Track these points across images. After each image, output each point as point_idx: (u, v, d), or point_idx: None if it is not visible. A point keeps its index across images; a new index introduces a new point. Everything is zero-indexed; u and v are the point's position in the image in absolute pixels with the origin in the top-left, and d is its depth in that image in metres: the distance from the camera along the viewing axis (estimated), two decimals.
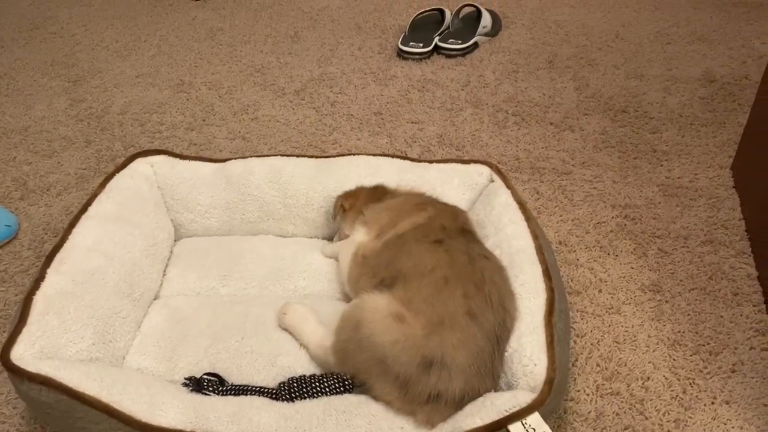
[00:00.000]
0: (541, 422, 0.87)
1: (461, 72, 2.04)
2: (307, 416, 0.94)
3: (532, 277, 1.07)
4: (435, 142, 1.73)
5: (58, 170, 1.69)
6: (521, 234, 1.15)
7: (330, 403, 0.96)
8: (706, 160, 1.63)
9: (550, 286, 1.05)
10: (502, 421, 0.87)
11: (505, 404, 0.89)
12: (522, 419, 0.87)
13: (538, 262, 1.10)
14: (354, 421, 0.93)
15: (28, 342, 0.97)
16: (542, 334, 0.98)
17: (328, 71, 2.08)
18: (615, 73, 2.01)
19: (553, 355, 0.95)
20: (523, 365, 0.95)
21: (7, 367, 0.92)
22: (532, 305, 1.03)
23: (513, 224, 1.17)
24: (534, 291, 1.05)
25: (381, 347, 0.96)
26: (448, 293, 1.00)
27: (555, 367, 0.94)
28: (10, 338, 0.96)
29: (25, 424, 1.09)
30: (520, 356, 0.96)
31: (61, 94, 2.02)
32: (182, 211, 1.36)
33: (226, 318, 1.17)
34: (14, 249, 1.45)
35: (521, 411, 0.88)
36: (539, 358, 0.95)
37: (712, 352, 1.18)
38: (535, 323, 1.00)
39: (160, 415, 0.93)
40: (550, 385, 0.92)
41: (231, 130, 1.82)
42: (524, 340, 0.98)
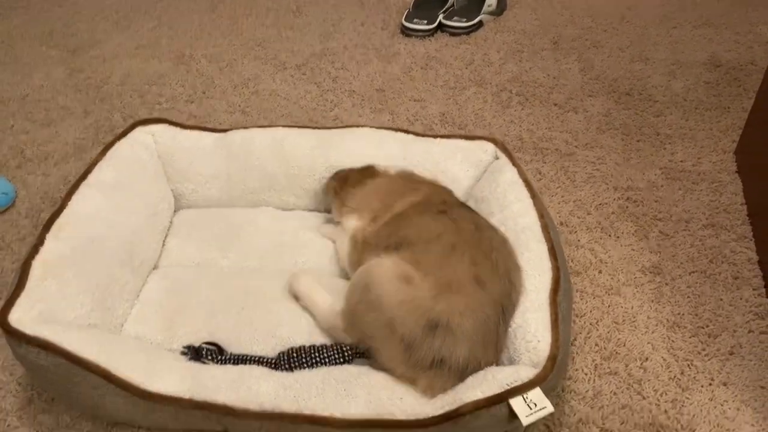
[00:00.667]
0: (542, 397, 0.87)
1: (465, 50, 2.02)
2: (306, 386, 0.93)
3: (538, 254, 1.07)
4: (437, 121, 1.72)
5: (56, 140, 1.67)
6: (527, 212, 1.14)
7: (329, 373, 0.96)
8: (710, 145, 1.62)
9: (555, 264, 1.05)
10: (504, 395, 0.87)
11: (507, 378, 0.89)
12: (523, 394, 0.87)
13: (543, 240, 1.09)
14: (353, 390, 0.93)
15: (26, 306, 0.96)
16: (547, 312, 0.98)
17: (330, 46, 2.05)
18: (620, 55, 1.99)
19: (557, 333, 0.95)
20: (526, 341, 0.95)
21: (5, 329, 0.92)
22: (537, 282, 1.03)
23: (518, 202, 1.16)
24: (539, 268, 1.04)
25: (389, 308, 0.96)
26: (456, 259, 1.00)
27: (558, 345, 0.94)
28: (8, 301, 0.96)
29: (22, 390, 1.09)
30: (525, 332, 0.96)
31: (59, 63, 1.99)
32: (182, 181, 1.35)
33: (225, 290, 1.16)
34: (11, 217, 1.44)
35: (523, 386, 0.88)
36: (543, 336, 0.95)
37: (710, 334, 1.18)
38: (540, 300, 1.00)
39: (158, 381, 0.93)
40: (553, 362, 0.91)
41: (231, 104, 1.80)
42: (529, 317, 0.98)
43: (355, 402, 0.91)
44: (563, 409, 1.06)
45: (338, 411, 0.90)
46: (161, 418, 0.96)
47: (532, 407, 0.86)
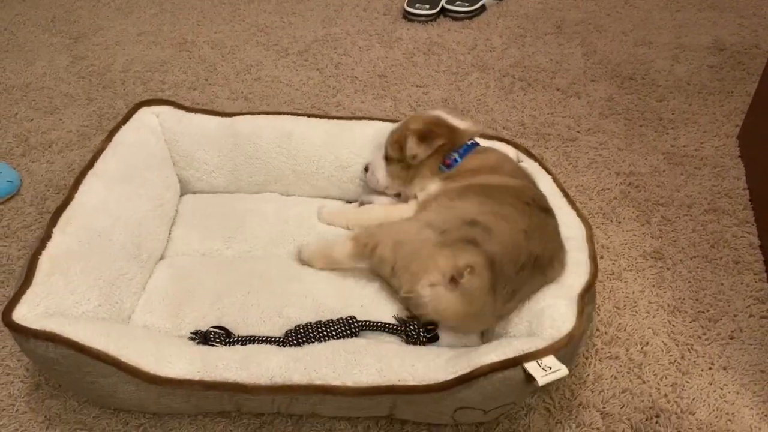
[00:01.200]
0: (556, 362, 0.87)
1: (468, 35, 2.02)
2: (316, 357, 0.94)
3: (577, 261, 1.07)
4: (440, 107, 1.72)
5: (60, 127, 1.68)
6: (572, 222, 1.14)
7: (338, 344, 0.97)
8: (713, 129, 1.62)
9: (594, 271, 1.06)
10: (519, 359, 0.88)
11: (522, 345, 0.90)
12: (537, 359, 0.88)
13: (587, 249, 1.09)
14: (364, 360, 0.93)
15: (32, 303, 0.96)
16: (575, 304, 0.99)
17: (333, 32, 2.05)
18: (623, 39, 1.98)
19: (581, 321, 0.96)
20: (552, 319, 0.96)
21: (9, 326, 0.92)
22: (572, 281, 1.03)
23: (559, 209, 1.15)
24: (577, 271, 1.05)
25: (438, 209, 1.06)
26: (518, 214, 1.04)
27: (580, 329, 0.94)
28: (14, 298, 0.95)
29: (30, 377, 1.10)
30: (552, 312, 0.97)
31: (62, 50, 1.99)
32: (188, 168, 1.35)
33: (231, 275, 1.17)
34: (17, 205, 1.45)
35: (537, 352, 0.88)
36: (569, 319, 0.95)
37: (711, 319, 1.18)
38: (571, 294, 1.00)
39: (168, 366, 0.93)
40: (570, 338, 0.92)
41: (233, 90, 1.80)
42: (560, 302, 0.98)
43: (367, 370, 0.92)
44: (564, 393, 1.07)
45: (350, 380, 0.91)
46: (173, 402, 0.98)
47: (547, 370, 0.86)
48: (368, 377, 0.92)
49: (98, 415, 1.05)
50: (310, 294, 1.12)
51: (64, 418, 1.05)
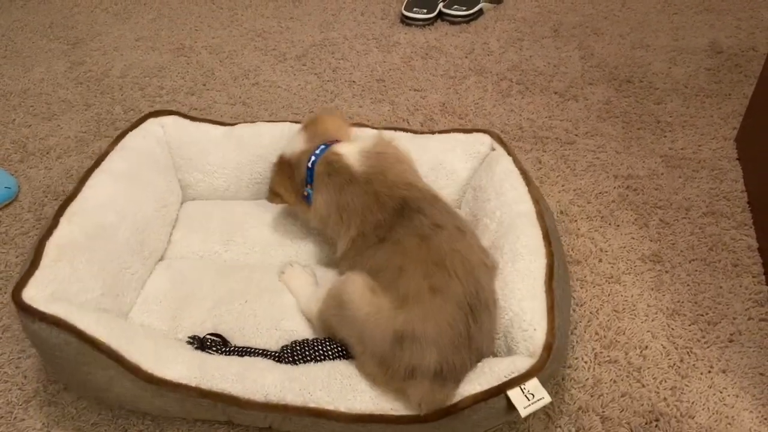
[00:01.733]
0: (539, 388, 0.88)
1: (465, 39, 2.02)
2: (311, 379, 0.94)
3: (533, 240, 1.07)
4: (437, 111, 1.72)
5: (58, 133, 1.68)
6: (522, 198, 1.15)
7: (334, 367, 0.97)
8: (710, 132, 1.62)
9: (550, 250, 1.06)
10: (501, 387, 0.88)
11: (504, 370, 0.90)
12: (521, 385, 0.88)
13: (538, 225, 1.10)
14: (358, 385, 0.94)
15: (40, 285, 0.97)
16: (543, 299, 0.99)
17: (330, 36, 2.05)
18: (620, 42, 1.98)
19: (553, 320, 0.96)
20: (522, 330, 0.96)
21: (19, 305, 0.93)
22: (532, 267, 1.03)
23: (514, 189, 1.17)
24: (535, 254, 1.05)
25: (360, 323, 0.96)
26: (407, 278, 0.98)
27: (554, 333, 0.94)
28: (23, 279, 0.97)
29: (27, 384, 1.10)
30: (520, 321, 0.97)
31: (60, 56, 1.99)
32: (191, 170, 1.36)
33: (229, 282, 1.17)
34: (14, 211, 1.45)
35: (520, 377, 0.89)
36: (539, 324, 0.96)
37: (710, 322, 1.18)
38: (535, 288, 1.00)
39: (166, 368, 0.94)
40: (548, 351, 0.92)
41: (231, 95, 1.80)
42: (524, 305, 0.98)
43: (360, 396, 0.93)
44: (563, 398, 1.07)
45: (343, 405, 0.92)
46: (167, 405, 0.98)
47: (530, 398, 0.87)
48: (361, 404, 0.92)
49: (97, 422, 1.05)
50: None
51: (62, 424, 1.04)
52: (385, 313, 0.95)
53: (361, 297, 0.98)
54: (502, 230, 1.12)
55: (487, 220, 1.17)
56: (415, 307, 0.94)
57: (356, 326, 0.97)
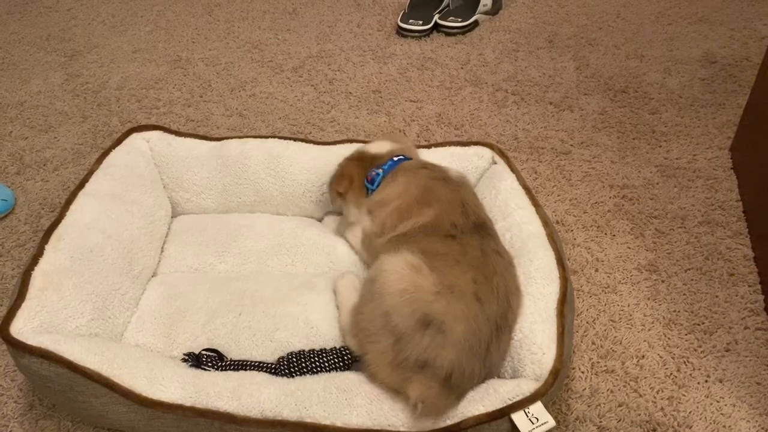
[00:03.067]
0: (543, 412, 0.88)
1: (461, 50, 2.03)
2: (307, 393, 0.94)
3: (546, 263, 1.07)
4: (434, 121, 1.73)
5: (55, 145, 1.68)
6: (531, 220, 1.15)
7: (330, 380, 0.97)
8: (705, 141, 1.63)
9: (563, 275, 1.06)
10: (505, 410, 0.88)
11: (509, 392, 0.89)
12: (525, 408, 0.87)
13: (551, 249, 1.10)
14: (355, 400, 0.93)
15: (27, 317, 0.97)
16: (554, 324, 0.99)
17: (327, 48, 2.06)
18: (615, 53, 2.00)
19: (562, 346, 0.96)
20: (531, 353, 0.95)
21: (7, 341, 0.93)
22: (545, 291, 1.03)
23: (521, 209, 1.16)
24: (548, 277, 1.05)
25: (389, 296, 0.96)
26: (459, 272, 1.00)
27: (562, 359, 0.94)
28: (9, 312, 0.96)
29: (23, 396, 1.10)
30: (530, 343, 0.96)
31: (57, 68, 2.00)
32: (178, 190, 1.35)
33: (223, 294, 1.17)
34: (11, 224, 1.45)
35: (524, 400, 0.88)
36: (549, 348, 0.95)
37: (706, 331, 1.19)
38: (548, 312, 1.00)
39: (161, 389, 0.93)
40: (555, 376, 0.92)
41: (228, 107, 1.81)
42: (536, 328, 0.98)
43: (357, 411, 0.92)
44: (560, 408, 1.07)
45: (339, 420, 0.91)
46: (164, 426, 0.97)
47: (534, 422, 0.87)
48: (358, 419, 0.91)
49: None
50: (302, 317, 1.12)
51: None
52: (423, 293, 0.96)
53: (398, 274, 0.98)
54: (513, 252, 1.11)
55: None
56: (455, 301, 0.95)
57: (386, 300, 0.96)
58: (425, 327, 0.92)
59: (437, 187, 1.16)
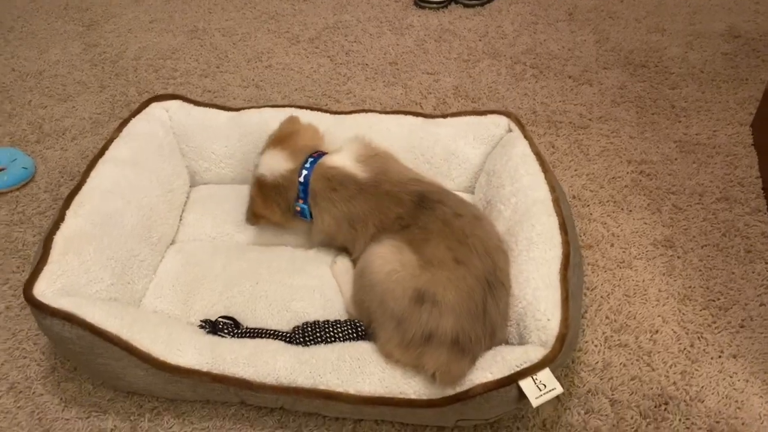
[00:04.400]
0: (551, 378, 0.88)
1: (479, 22, 2.01)
2: (321, 361, 0.96)
3: (548, 228, 1.07)
4: (450, 94, 1.71)
5: (73, 114, 1.69)
6: (538, 185, 1.14)
7: (344, 349, 0.98)
8: (726, 117, 1.61)
9: (566, 239, 1.05)
10: (513, 377, 0.88)
11: (516, 360, 0.90)
12: (533, 375, 0.88)
13: (554, 213, 1.09)
14: (368, 368, 0.95)
15: (49, 280, 0.99)
16: (557, 289, 0.98)
17: (343, 19, 2.04)
18: (636, 26, 1.96)
19: (567, 310, 0.96)
20: (536, 319, 0.96)
21: (30, 302, 0.95)
22: (547, 256, 1.03)
23: (529, 175, 1.16)
24: (550, 242, 1.05)
25: (380, 283, 0.98)
26: (432, 247, 1.01)
27: (568, 324, 0.94)
28: (32, 275, 0.98)
29: (45, 360, 1.12)
30: (534, 310, 0.97)
31: (75, 38, 2.00)
32: (197, 159, 1.36)
33: (240, 263, 1.18)
34: (31, 191, 1.47)
35: (532, 367, 0.89)
36: (553, 314, 0.95)
37: (721, 307, 1.18)
38: (551, 277, 1.00)
39: (178, 354, 0.95)
40: (561, 342, 0.92)
41: (245, 78, 1.80)
42: (539, 294, 0.98)
43: (369, 379, 0.93)
44: (573, 380, 1.08)
45: (352, 387, 0.93)
46: (180, 390, 1.00)
47: (542, 388, 0.87)
48: (370, 386, 0.93)
49: (113, 398, 1.07)
50: (318, 289, 1.13)
51: (79, 400, 1.07)
52: (409, 269, 0.98)
53: (383, 258, 1.00)
54: (516, 217, 1.11)
55: (501, 206, 1.16)
56: (439, 271, 0.97)
57: (377, 288, 0.98)
58: (420, 303, 0.94)
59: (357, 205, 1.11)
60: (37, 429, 1.03)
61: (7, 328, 1.17)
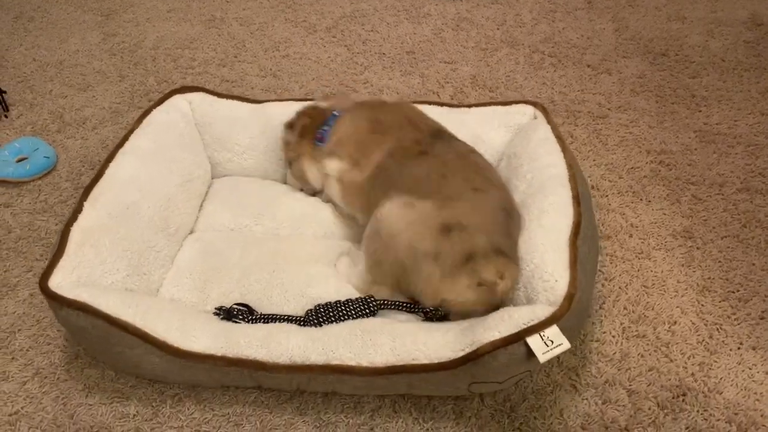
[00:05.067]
0: (558, 334, 0.88)
1: (497, 11, 1.99)
2: (333, 338, 0.97)
3: (562, 198, 1.07)
4: (468, 83, 1.71)
5: (93, 104, 1.71)
6: (555, 163, 1.15)
7: (356, 324, 1.00)
8: (747, 107, 1.59)
9: (578, 210, 1.05)
10: (521, 333, 0.88)
11: (523, 317, 0.90)
12: (540, 332, 0.88)
13: (568, 187, 1.09)
14: (378, 339, 0.96)
15: (66, 271, 1.00)
16: (566, 253, 0.99)
17: (360, 8, 2.04)
18: (656, 14, 1.94)
19: (575, 272, 0.96)
20: (543, 281, 0.96)
21: (46, 293, 0.96)
22: (559, 224, 1.03)
23: (549, 155, 1.16)
24: (563, 212, 1.05)
25: (401, 233, 1.01)
26: (450, 183, 1.05)
27: (576, 285, 0.94)
28: (49, 267, 1.00)
29: (69, 346, 1.14)
30: (542, 272, 0.97)
31: (94, 27, 2.02)
32: (220, 149, 1.37)
33: (257, 253, 1.19)
34: (53, 180, 1.48)
35: (539, 324, 0.89)
36: (561, 275, 0.95)
37: (741, 299, 1.18)
38: (559, 242, 1.00)
39: (193, 340, 0.97)
40: (569, 300, 0.92)
41: (262, 67, 1.81)
42: (547, 257, 0.98)
43: (381, 350, 0.94)
44: (590, 370, 1.08)
45: (365, 360, 0.94)
46: (196, 376, 1.01)
47: (549, 345, 0.87)
48: (382, 357, 0.94)
49: (135, 384, 1.09)
50: (334, 276, 1.14)
51: (102, 386, 1.08)
52: (428, 213, 1.01)
53: (397, 213, 1.03)
54: (530, 190, 1.12)
55: (517, 182, 1.17)
56: (459, 203, 1.02)
57: (399, 238, 1.01)
58: (448, 231, 0.99)
59: (380, 114, 1.22)
60: (62, 414, 1.05)
61: (31, 315, 1.20)
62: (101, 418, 1.04)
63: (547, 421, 1.02)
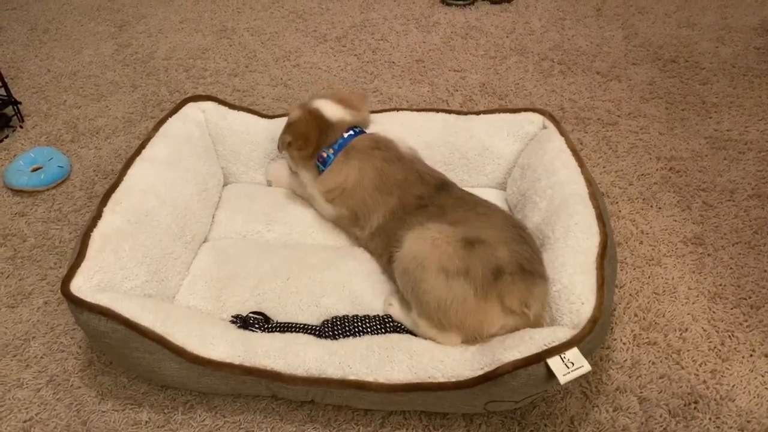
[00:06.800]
0: (579, 357, 0.88)
1: (506, 19, 2.00)
2: (350, 352, 0.97)
3: (586, 218, 1.07)
4: (477, 91, 1.72)
5: (107, 114, 1.73)
6: (574, 179, 1.15)
7: (372, 340, 1.00)
8: (758, 113, 1.58)
9: (603, 230, 1.06)
10: (541, 355, 0.89)
11: (545, 339, 0.90)
12: (561, 353, 0.88)
13: (591, 206, 1.10)
14: (396, 356, 0.96)
15: (86, 276, 1.01)
16: (593, 275, 0.99)
17: (370, 17, 2.05)
18: (666, 21, 1.94)
19: (602, 296, 0.96)
20: (570, 303, 0.96)
21: (67, 297, 0.97)
22: (585, 245, 1.03)
23: (566, 169, 1.17)
24: (588, 232, 1.05)
25: (428, 254, 1.00)
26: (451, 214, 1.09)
27: (602, 309, 0.95)
28: (70, 271, 1.01)
29: (82, 354, 1.16)
30: (569, 294, 0.97)
31: (107, 39, 2.04)
32: (235, 162, 1.39)
33: (272, 260, 1.20)
34: (67, 189, 1.50)
35: (561, 345, 0.89)
36: (587, 298, 0.96)
37: (753, 305, 1.17)
38: (587, 264, 1.01)
39: (211, 348, 0.97)
40: (593, 324, 0.92)
41: (273, 77, 1.83)
42: (575, 279, 0.99)
43: (398, 367, 0.95)
44: (601, 378, 1.07)
45: (381, 376, 0.94)
46: (212, 383, 1.02)
47: (570, 366, 0.87)
48: (399, 374, 0.94)
49: (147, 391, 1.09)
50: (348, 285, 1.15)
51: (115, 393, 1.09)
52: (446, 231, 1.03)
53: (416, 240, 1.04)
54: (552, 208, 1.13)
55: (537, 198, 1.18)
56: (468, 224, 1.04)
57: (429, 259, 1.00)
58: (471, 245, 0.99)
59: (392, 169, 1.18)
60: (75, 420, 1.06)
61: (45, 322, 1.21)
62: (114, 425, 1.05)
63: (557, 429, 1.01)
